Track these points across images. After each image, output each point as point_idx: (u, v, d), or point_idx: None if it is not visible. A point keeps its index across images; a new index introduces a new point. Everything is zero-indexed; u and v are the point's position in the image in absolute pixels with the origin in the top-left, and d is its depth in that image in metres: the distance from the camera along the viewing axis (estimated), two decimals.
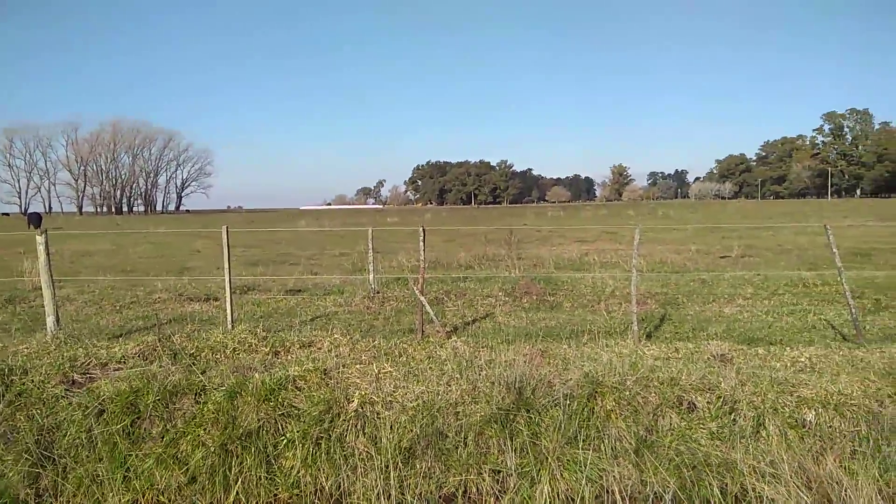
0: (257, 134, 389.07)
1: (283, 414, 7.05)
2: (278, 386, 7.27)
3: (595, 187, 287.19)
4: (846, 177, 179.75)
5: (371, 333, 9.83)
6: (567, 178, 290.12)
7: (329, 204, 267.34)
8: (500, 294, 13.53)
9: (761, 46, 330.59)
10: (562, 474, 6.12)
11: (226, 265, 10.54)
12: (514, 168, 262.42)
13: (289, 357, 8.50)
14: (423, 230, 10.13)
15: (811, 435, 6.55)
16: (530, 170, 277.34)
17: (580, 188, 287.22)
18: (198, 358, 8.48)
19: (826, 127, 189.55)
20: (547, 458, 6.33)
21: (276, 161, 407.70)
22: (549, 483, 6.04)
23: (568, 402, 6.82)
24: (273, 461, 6.77)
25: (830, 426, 6.61)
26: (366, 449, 6.69)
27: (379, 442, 6.69)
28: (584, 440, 6.43)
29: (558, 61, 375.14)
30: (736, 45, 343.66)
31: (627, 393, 6.93)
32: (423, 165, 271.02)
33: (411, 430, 6.75)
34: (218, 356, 8.58)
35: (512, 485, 6.28)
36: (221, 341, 8.93)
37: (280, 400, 7.15)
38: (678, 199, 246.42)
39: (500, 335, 9.72)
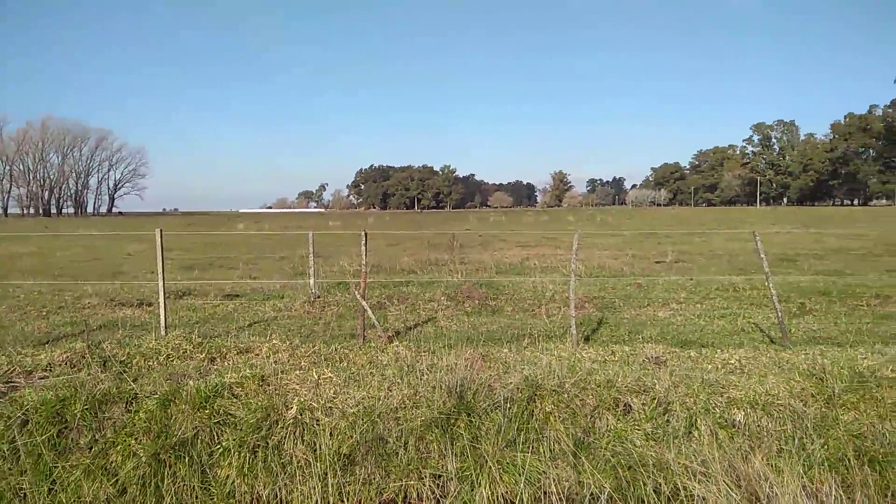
0: (194, 135, 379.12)
1: (218, 422, 6.87)
2: (214, 393, 7.09)
3: (536, 193, 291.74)
4: (774, 186, 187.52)
5: (311, 339, 9.69)
6: (509, 183, 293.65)
7: (269, 207, 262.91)
8: (442, 298, 13.55)
9: (696, 57, 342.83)
10: (501, 477, 6.17)
11: (160, 269, 10.22)
12: (457, 173, 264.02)
13: (225, 364, 8.29)
14: (365, 234, 10.06)
15: (740, 434, 6.78)
16: (473, 175, 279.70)
17: (522, 194, 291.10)
18: (129, 365, 8.19)
19: (755, 137, 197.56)
20: (487, 462, 6.36)
21: (214, 163, 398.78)
22: (489, 486, 6.08)
23: (508, 405, 6.88)
24: (208, 470, 6.59)
25: (758, 426, 6.86)
26: (304, 456, 6.58)
27: (318, 449, 6.59)
28: (523, 443, 6.49)
29: (501, 67, 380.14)
30: (672, 55, 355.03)
31: (566, 395, 7.04)
32: (366, 169, 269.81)
33: (351, 437, 6.69)
34: (150, 363, 8.30)
35: (452, 489, 6.30)
36: (154, 348, 8.65)
37: (216, 408, 6.97)
38: (616, 205, 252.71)
39: (442, 340, 9.74)
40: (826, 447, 6.58)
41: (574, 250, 9.88)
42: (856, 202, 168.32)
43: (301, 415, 6.91)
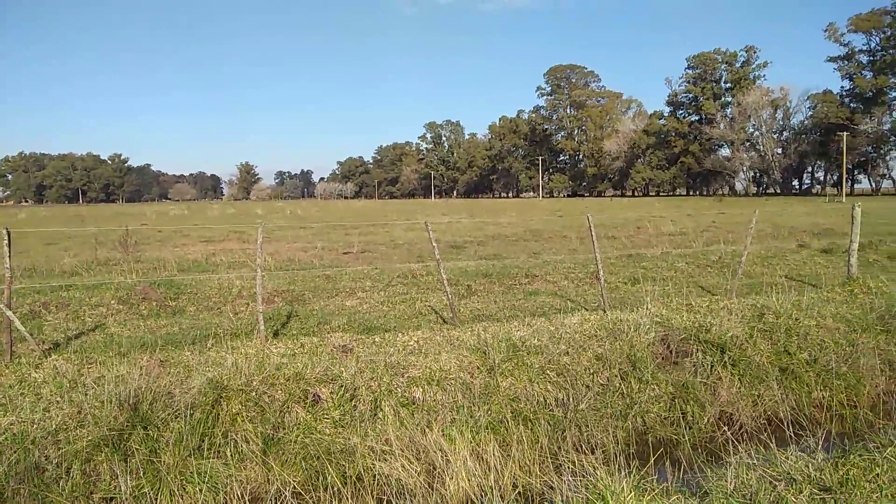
0: None
1: None
2: None
3: (222, 185, 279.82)
4: (445, 180, 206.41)
5: None
6: (192, 175, 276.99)
7: None
8: (113, 302, 12.19)
9: (373, 56, 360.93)
10: (184, 488, 5.79)
11: None
12: (129, 163, 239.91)
13: None
14: (8, 233, 8.55)
15: (420, 410, 7.35)
16: (149, 165, 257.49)
17: (206, 186, 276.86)
18: None
19: (428, 135, 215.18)
20: (168, 475, 5.91)
21: None
22: (169, 500, 5.66)
23: (191, 411, 6.48)
24: None
25: (435, 400, 7.51)
26: None
27: None
28: (208, 448, 6.18)
29: (174, 50, 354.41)
30: (353, 53, 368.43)
31: (254, 394, 6.87)
32: (13, 157, 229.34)
33: None
34: None
35: None
36: None
37: None
38: (305, 198, 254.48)
39: (114, 348, 8.77)
40: (490, 412, 7.47)
41: (259, 244, 9.66)
42: (510, 194, 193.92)
43: None
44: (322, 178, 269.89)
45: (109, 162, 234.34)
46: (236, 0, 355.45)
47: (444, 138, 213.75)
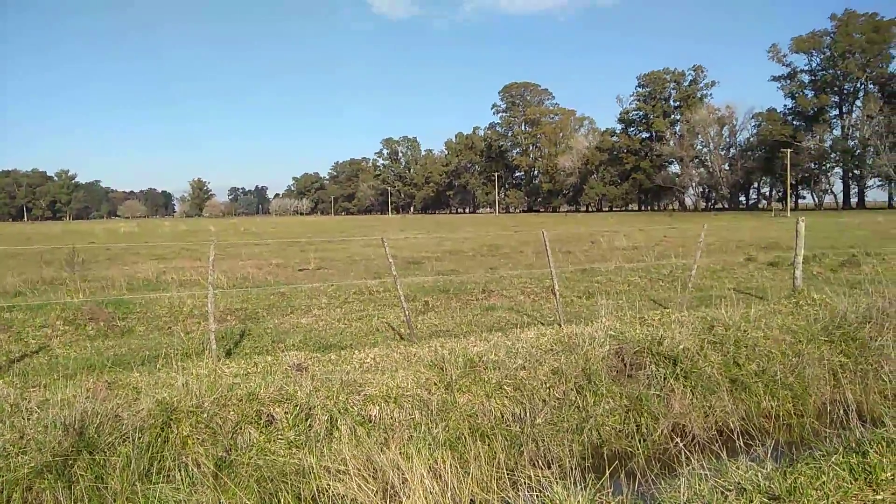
0: None
1: None
2: None
3: (174, 202, 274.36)
4: (402, 195, 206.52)
5: None
6: (142, 191, 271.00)
7: None
8: (58, 323, 11.79)
9: (328, 71, 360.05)
10: None
11: None
12: (77, 179, 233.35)
13: None
14: None
15: (377, 428, 7.27)
16: (98, 181, 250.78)
17: (158, 202, 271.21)
18: None
19: (385, 151, 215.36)
20: (115, 501, 5.72)
21: None
22: None
23: (139, 434, 6.28)
24: None
25: (392, 417, 7.44)
26: None
27: None
28: (158, 473, 6.00)
29: (123, 62, 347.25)
30: (308, 67, 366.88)
31: (205, 415, 6.70)
32: None
33: None
34: None
35: None
36: None
37: None
38: (260, 214, 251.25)
39: (59, 370, 8.48)
40: (447, 429, 7.44)
41: (211, 261, 9.49)
42: (467, 210, 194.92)
43: None
44: (277, 195, 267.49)
45: (56, 178, 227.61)
46: (187, 12, 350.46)
47: (400, 154, 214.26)
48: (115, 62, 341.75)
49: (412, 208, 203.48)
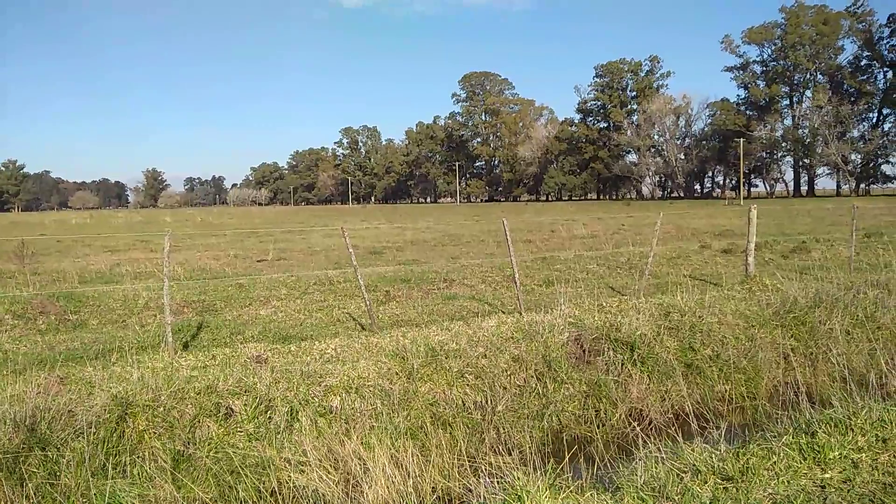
0: None
1: None
2: None
3: (128, 192, 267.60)
4: (363, 185, 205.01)
5: None
6: (94, 182, 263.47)
7: None
8: (7, 317, 11.42)
9: (285, 59, 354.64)
10: None
11: None
12: (26, 170, 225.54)
13: None
14: None
15: (338, 419, 7.24)
16: (48, 172, 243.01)
17: (111, 193, 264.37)
18: None
19: (344, 141, 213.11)
20: (69, 498, 5.59)
21: None
22: None
23: (93, 430, 6.14)
24: None
25: (353, 408, 7.42)
26: None
27: None
28: (114, 468, 5.88)
29: (69, 48, 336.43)
30: (264, 55, 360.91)
31: (162, 409, 6.59)
32: None
33: None
34: None
35: None
36: None
37: None
38: (217, 205, 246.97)
39: (8, 366, 8.22)
40: (409, 418, 7.46)
41: (166, 252, 9.29)
42: (429, 199, 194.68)
43: None
44: (235, 185, 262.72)
45: (3, 169, 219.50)
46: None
47: (360, 144, 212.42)
48: (62, 49, 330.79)
49: (373, 198, 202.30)
